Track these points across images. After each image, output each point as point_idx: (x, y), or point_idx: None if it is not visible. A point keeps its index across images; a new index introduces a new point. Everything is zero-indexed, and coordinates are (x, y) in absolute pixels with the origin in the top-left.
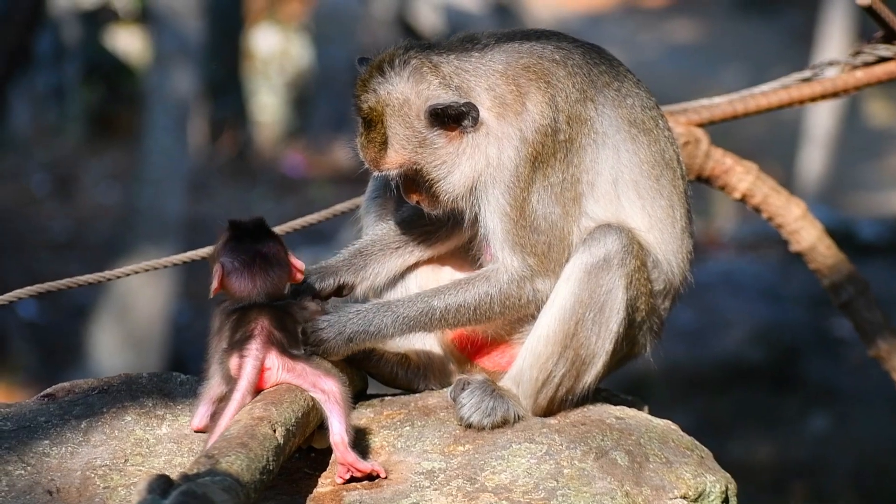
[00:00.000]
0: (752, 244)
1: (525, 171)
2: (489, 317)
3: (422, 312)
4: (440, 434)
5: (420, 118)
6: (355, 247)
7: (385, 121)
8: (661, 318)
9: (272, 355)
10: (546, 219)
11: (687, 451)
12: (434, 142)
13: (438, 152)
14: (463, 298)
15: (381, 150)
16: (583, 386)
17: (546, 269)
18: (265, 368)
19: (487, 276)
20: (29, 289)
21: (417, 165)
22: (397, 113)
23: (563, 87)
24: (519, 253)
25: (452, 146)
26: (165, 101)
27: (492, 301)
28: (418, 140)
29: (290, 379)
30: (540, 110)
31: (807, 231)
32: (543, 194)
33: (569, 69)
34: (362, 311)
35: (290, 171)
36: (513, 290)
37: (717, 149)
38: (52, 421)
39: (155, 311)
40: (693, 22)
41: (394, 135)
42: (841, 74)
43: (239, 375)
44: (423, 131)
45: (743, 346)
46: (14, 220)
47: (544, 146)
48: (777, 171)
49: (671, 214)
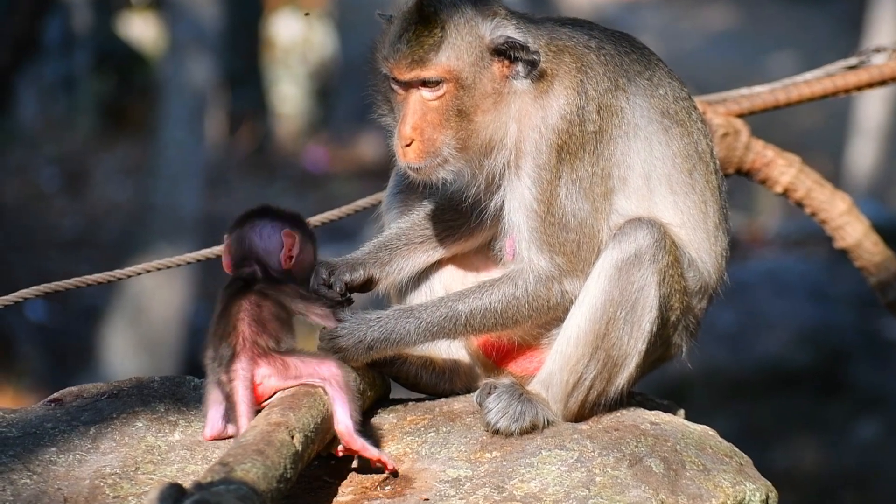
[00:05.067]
0: (798, 241)
1: (551, 160)
2: (516, 320)
3: (446, 318)
4: (466, 440)
5: (486, 40)
6: (380, 240)
7: (449, 25)
8: (697, 318)
9: (260, 369)
10: (575, 215)
11: (725, 457)
12: (486, 72)
13: (483, 83)
14: (488, 302)
15: (430, 50)
16: (615, 389)
17: (575, 268)
18: (256, 385)
19: (513, 278)
20: (36, 288)
21: (460, 83)
22: (466, 24)
23: (594, 75)
24: (547, 252)
25: (496, 85)
26: (181, 92)
27: (519, 304)
28: (476, 56)
29: (285, 382)
30: (566, 95)
31: (852, 227)
32: (572, 188)
33: (602, 57)
34: (383, 318)
35: (311, 165)
36: (541, 291)
37: (757, 140)
38: (59, 427)
39: (170, 312)
40: (735, 8)
41: (454, 42)
42: (889, 62)
43: (233, 402)
44: (485, 54)
45: (787, 349)
46: (22, 217)
47: (570, 135)
48: (826, 164)
49: (704, 210)
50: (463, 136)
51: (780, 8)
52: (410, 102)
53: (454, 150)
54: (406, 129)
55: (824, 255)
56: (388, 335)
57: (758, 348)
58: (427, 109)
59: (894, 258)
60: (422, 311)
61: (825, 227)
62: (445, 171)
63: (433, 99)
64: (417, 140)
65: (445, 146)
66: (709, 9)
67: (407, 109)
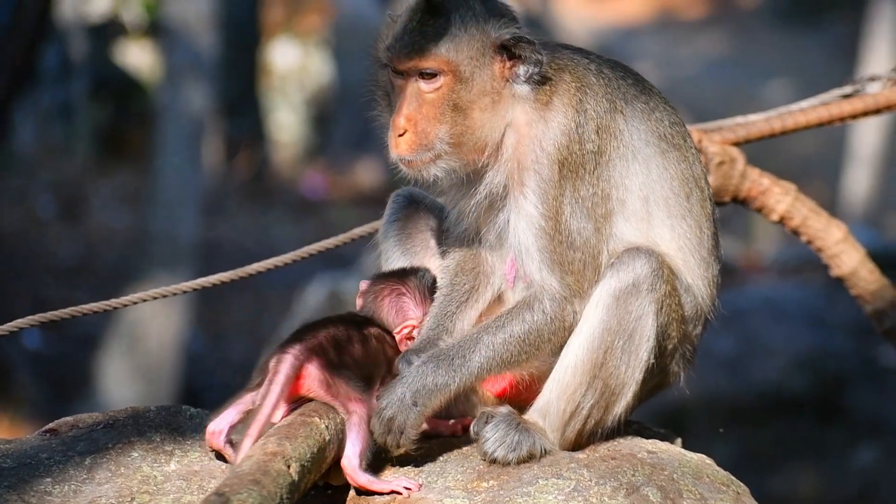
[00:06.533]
0: (795, 268)
1: (553, 175)
2: (538, 346)
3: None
4: (463, 469)
5: (491, 36)
6: (437, 311)
7: (454, 17)
8: (694, 345)
9: (312, 365)
10: (580, 234)
11: (723, 486)
12: (486, 69)
13: (482, 80)
14: (509, 333)
15: (430, 41)
16: (612, 418)
17: (581, 289)
18: (302, 376)
19: (529, 304)
20: (33, 318)
21: (458, 76)
22: (473, 19)
23: (593, 95)
24: (558, 272)
25: (495, 85)
26: (178, 119)
27: (539, 329)
28: (478, 51)
29: (322, 395)
30: (565, 112)
31: (848, 255)
32: (576, 207)
33: (601, 79)
34: (410, 375)
35: (309, 192)
36: (557, 312)
37: (753, 168)
38: (54, 457)
39: (167, 340)
40: (731, 35)
41: (456, 34)
42: (883, 90)
43: (274, 373)
44: (487, 50)
45: (785, 376)
46: (19, 244)
47: (571, 151)
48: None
49: (699, 236)
50: (457, 132)
51: (775, 35)
52: (407, 93)
53: (447, 145)
54: (400, 119)
55: (821, 281)
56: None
57: (756, 375)
58: (423, 101)
59: (890, 286)
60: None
61: (821, 255)
62: (437, 167)
63: (430, 91)
64: (411, 131)
65: (438, 140)
66: (705, 36)
67: (403, 100)
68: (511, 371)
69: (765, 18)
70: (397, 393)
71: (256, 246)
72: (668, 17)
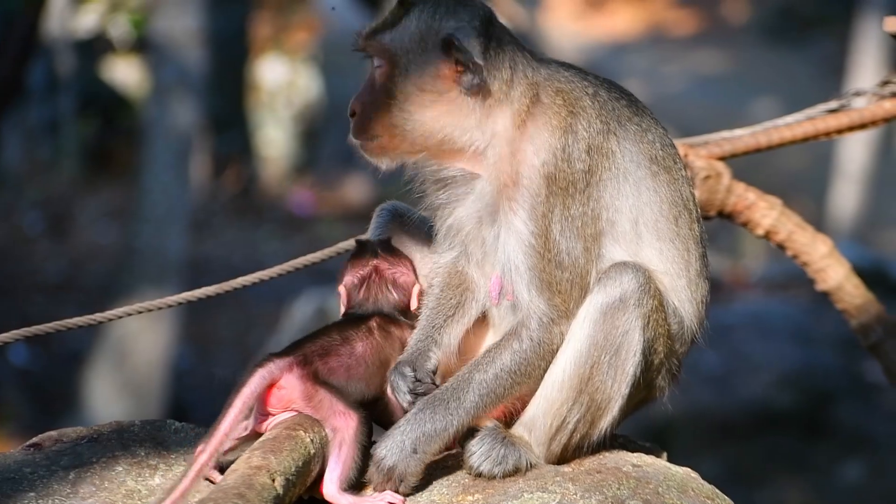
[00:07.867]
0: (781, 284)
1: (541, 190)
2: (529, 374)
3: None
4: (448, 483)
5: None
6: (425, 323)
7: (413, 10)
8: (680, 361)
9: (292, 376)
10: (569, 254)
11: (707, 500)
12: (428, 66)
13: (421, 76)
14: (500, 366)
15: (383, 27)
16: (598, 432)
17: (568, 309)
18: (278, 387)
19: (517, 333)
20: (18, 332)
21: (394, 65)
22: (432, 15)
23: (586, 116)
24: (546, 292)
25: (440, 85)
26: (165, 136)
27: (528, 357)
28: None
29: (303, 407)
30: (550, 131)
31: (833, 269)
32: (566, 225)
33: (596, 102)
34: (407, 423)
35: (297, 208)
36: (545, 337)
37: (739, 183)
38: (38, 472)
39: (154, 356)
40: (720, 52)
41: (406, 25)
42: (868, 105)
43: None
44: (431, 47)
45: (772, 391)
46: (5, 260)
47: (558, 169)
48: (809, 207)
49: (686, 258)
50: (397, 123)
51: (764, 52)
52: (367, 78)
53: (389, 136)
54: (352, 101)
55: (808, 297)
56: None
57: (742, 390)
58: (372, 87)
59: (875, 301)
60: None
61: (807, 270)
62: (387, 157)
63: (378, 78)
64: (358, 114)
65: (379, 126)
66: (694, 53)
67: (363, 85)
68: (506, 402)
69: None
70: (396, 440)
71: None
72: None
